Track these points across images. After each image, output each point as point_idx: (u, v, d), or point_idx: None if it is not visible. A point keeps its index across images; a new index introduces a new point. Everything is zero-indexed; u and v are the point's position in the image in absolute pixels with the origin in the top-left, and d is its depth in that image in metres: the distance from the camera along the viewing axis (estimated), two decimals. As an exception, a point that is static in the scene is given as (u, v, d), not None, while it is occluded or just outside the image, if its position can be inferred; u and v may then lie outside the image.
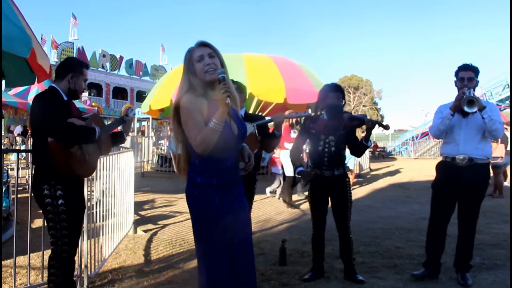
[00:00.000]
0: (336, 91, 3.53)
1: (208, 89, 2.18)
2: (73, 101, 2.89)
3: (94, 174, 3.76)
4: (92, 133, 2.67)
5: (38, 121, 2.65)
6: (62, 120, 2.57)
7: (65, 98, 2.77)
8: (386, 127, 3.56)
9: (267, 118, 3.54)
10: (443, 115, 3.47)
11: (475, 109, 3.23)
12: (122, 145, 4.23)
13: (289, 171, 7.49)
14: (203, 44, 2.21)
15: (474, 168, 3.42)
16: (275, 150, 8.03)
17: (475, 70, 3.47)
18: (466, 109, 3.24)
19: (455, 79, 3.53)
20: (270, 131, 3.54)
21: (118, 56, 30.78)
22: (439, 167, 3.69)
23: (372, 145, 17.61)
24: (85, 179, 3.07)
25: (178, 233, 5.32)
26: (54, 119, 2.54)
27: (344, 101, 3.55)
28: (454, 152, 3.48)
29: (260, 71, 9.49)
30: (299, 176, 3.61)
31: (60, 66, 2.84)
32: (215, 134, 2.05)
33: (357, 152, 3.66)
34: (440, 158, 3.75)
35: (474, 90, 3.43)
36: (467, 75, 3.44)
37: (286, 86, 9.30)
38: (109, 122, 3.11)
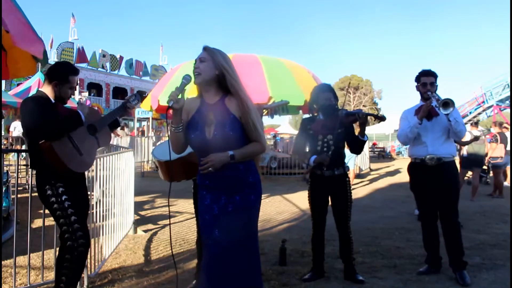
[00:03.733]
0: (326, 91, 3.59)
1: (202, 90, 2.33)
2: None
3: (94, 174, 3.77)
4: (76, 118, 2.72)
5: (28, 125, 2.70)
6: (51, 121, 2.61)
7: (53, 101, 2.80)
8: (382, 118, 3.58)
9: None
10: (411, 124, 3.63)
11: (450, 110, 3.38)
12: (122, 145, 4.24)
13: None
14: (203, 48, 2.32)
15: (442, 167, 3.60)
16: None
17: (435, 75, 3.71)
18: (442, 111, 3.39)
19: (416, 83, 3.74)
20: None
21: (118, 56, 30.71)
22: (410, 169, 3.85)
23: (371, 143, 17.58)
24: (86, 179, 3.05)
25: (178, 233, 5.32)
26: (42, 121, 2.58)
27: (336, 100, 3.62)
28: (423, 153, 3.65)
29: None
30: (315, 165, 3.53)
31: (48, 71, 2.84)
32: (174, 135, 2.26)
33: (356, 149, 3.65)
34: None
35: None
36: (429, 80, 3.66)
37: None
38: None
